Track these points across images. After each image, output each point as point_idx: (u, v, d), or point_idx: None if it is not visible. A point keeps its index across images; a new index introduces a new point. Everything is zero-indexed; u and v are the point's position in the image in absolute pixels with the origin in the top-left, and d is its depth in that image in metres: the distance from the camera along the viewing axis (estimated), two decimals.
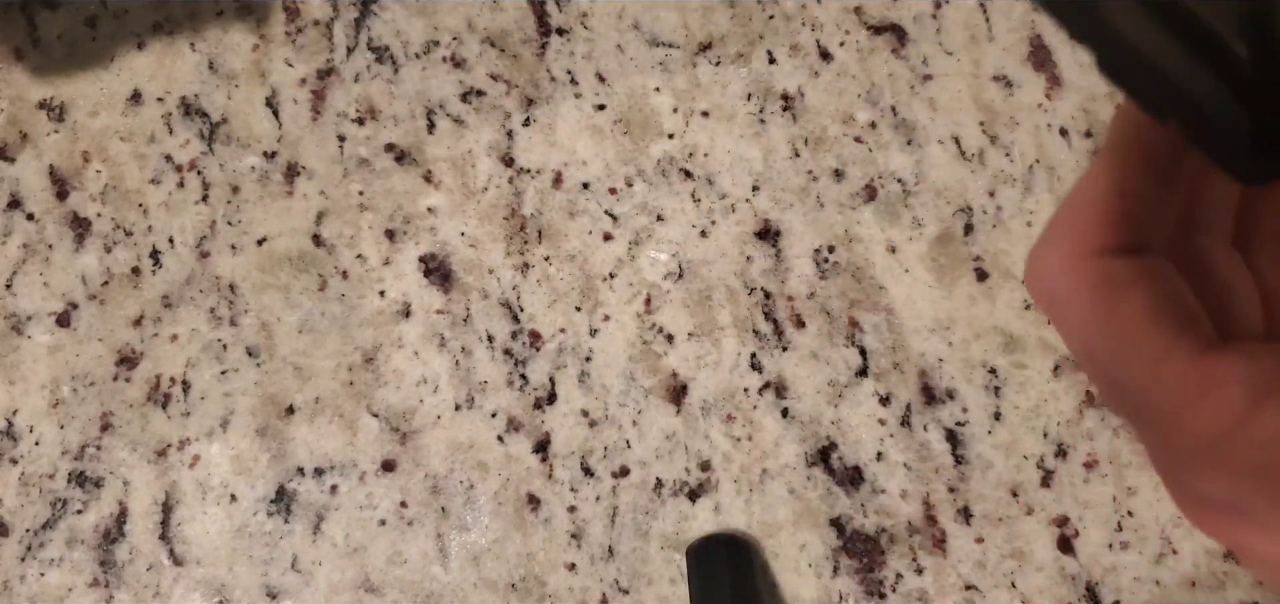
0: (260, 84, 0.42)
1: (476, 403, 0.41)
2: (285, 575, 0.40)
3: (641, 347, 0.41)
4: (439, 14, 0.43)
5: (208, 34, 0.42)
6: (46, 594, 0.39)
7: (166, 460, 0.40)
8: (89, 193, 0.41)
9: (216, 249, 0.41)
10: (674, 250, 0.42)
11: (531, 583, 0.40)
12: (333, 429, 0.41)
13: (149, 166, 0.42)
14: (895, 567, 0.41)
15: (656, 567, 0.41)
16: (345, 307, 0.41)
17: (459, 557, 0.40)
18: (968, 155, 0.42)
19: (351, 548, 0.40)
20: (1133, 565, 0.41)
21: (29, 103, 0.42)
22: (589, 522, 0.41)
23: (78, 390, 0.41)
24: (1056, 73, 0.43)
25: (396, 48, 0.42)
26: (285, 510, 0.40)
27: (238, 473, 0.40)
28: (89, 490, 0.40)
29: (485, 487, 0.41)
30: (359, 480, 0.40)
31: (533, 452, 0.41)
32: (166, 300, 0.41)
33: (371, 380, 0.41)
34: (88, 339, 0.41)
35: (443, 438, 0.41)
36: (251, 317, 0.41)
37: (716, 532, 0.40)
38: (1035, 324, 0.42)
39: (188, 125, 0.42)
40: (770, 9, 0.43)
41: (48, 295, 0.41)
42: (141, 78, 0.42)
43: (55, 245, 0.41)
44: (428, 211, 0.42)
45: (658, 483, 0.41)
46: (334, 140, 0.42)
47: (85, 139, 0.42)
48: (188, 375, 0.41)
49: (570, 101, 0.42)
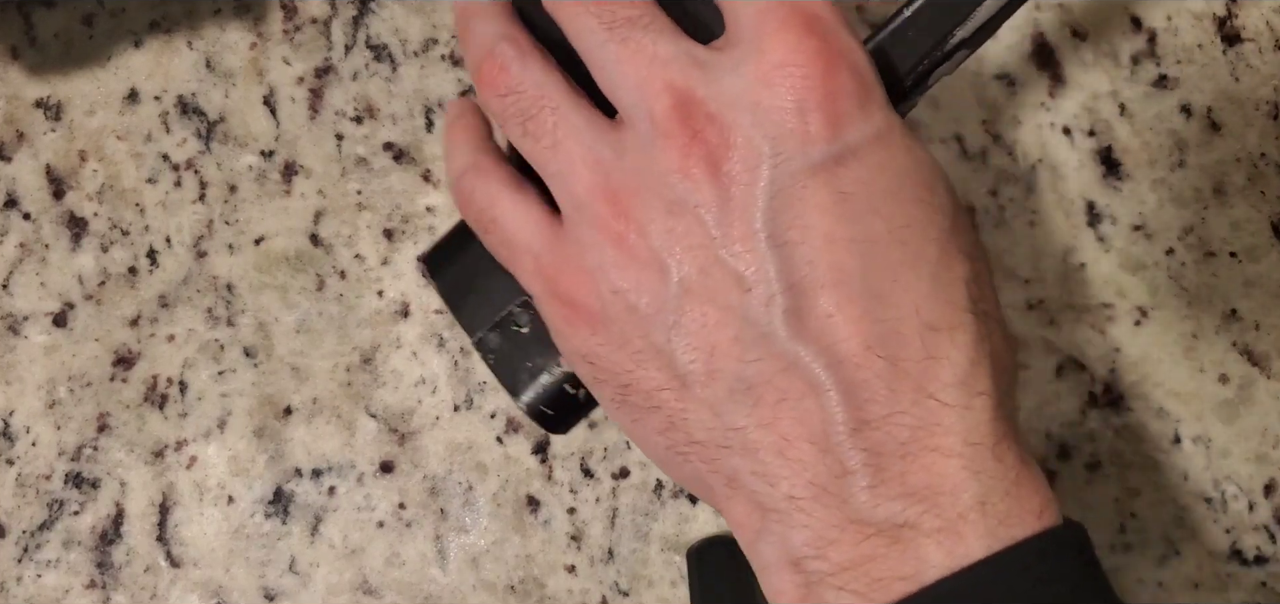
0: (258, 83, 0.42)
1: (475, 404, 0.41)
2: (283, 577, 0.40)
3: None
4: (438, 12, 0.43)
5: (205, 32, 0.42)
6: (43, 596, 0.39)
7: (164, 461, 0.40)
8: (86, 192, 0.41)
9: (214, 249, 0.41)
10: None
11: (531, 585, 0.40)
12: (330, 430, 0.40)
13: (146, 166, 0.41)
14: None
15: (657, 569, 0.40)
16: (343, 307, 0.41)
17: (457, 558, 0.40)
18: (970, 154, 0.42)
19: (349, 549, 0.40)
20: (1135, 567, 0.41)
21: (25, 101, 0.42)
22: (589, 523, 0.40)
23: (74, 391, 0.40)
24: (1059, 72, 0.43)
25: (395, 46, 0.42)
26: (283, 512, 0.40)
27: (235, 474, 0.40)
28: (86, 492, 0.40)
29: (484, 488, 0.40)
30: (357, 482, 0.40)
31: (532, 453, 0.41)
32: (163, 300, 0.41)
33: (370, 381, 0.41)
34: (84, 339, 0.41)
35: (441, 439, 0.41)
36: (249, 317, 0.41)
37: (717, 533, 0.40)
38: (1038, 324, 0.41)
39: (185, 124, 0.42)
40: None
41: (44, 295, 0.41)
42: (138, 76, 0.42)
43: (51, 245, 0.41)
44: (426, 211, 0.42)
45: (658, 484, 0.41)
46: (332, 139, 0.42)
47: (82, 138, 0.42)
48: (185, 376, 0.41)
49: None
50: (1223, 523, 0.42)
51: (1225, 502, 0.42)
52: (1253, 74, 0.43)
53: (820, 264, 0.22)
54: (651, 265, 0.23)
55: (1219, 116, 0.43)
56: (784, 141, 0.22)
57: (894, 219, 0.22)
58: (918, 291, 0.22)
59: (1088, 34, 0.43)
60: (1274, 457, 0.42)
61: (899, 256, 0.22)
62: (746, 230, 0.22)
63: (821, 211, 0.22)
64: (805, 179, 0.22)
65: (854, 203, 0.22)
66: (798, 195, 0.22)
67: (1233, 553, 0.42)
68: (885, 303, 0.22)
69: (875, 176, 0.22)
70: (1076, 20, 0.43)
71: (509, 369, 0.27)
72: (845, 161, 0.22)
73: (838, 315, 0.22)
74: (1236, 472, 0.42)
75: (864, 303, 0.22)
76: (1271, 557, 0.42)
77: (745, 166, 0.22)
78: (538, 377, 0.27)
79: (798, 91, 0.22)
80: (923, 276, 0.22)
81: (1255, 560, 0.42)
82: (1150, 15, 0.43)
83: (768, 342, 0.22)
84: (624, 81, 0.24)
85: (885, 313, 0.22)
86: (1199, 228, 0.43)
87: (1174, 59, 0.43)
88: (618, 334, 0.24)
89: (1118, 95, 0.42)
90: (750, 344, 0.22)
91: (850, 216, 0.22)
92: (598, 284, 0.24)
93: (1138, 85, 0.43)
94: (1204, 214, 0.42)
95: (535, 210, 0.25)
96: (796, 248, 0.22)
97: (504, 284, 0.27)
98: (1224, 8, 0.43)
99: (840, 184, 0.22)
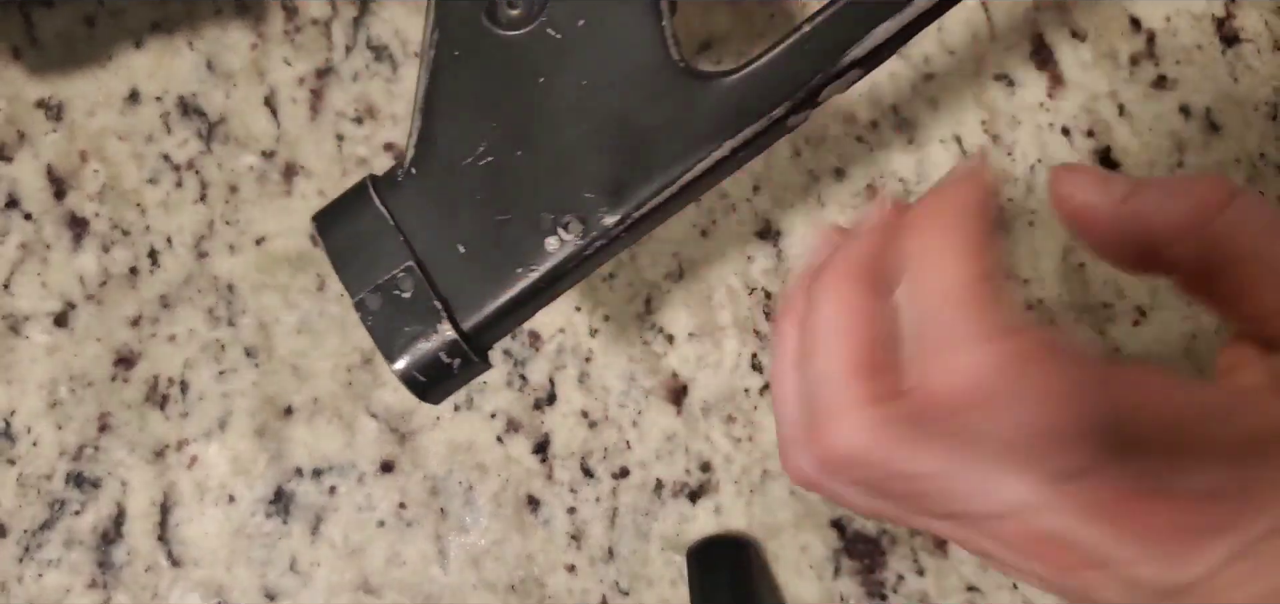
0: (258, 83, 0.42)
1: (475, 404, 0.41)
2: (284, 576, 0.40)
3: (642, 347, 0.41)
4: None
5: (206, 33, 0.42)
6: (44, 595, 0.39)
7: (165, 461, 0.40)
8: (87, 192, 0.41)
9: (214, 249, 0.41)
10: (674, 250, 0.42)
11: (531, 585, 0.40)
12: (331, 430, 0.40)
13: (147, 166, 0.42)
14: (897, 568, 0.40)
15: (657, 568, 0.40)
16: (344, 306, 0.41)
17: (458, 558, 0.40)
18: (969, 154, 0.42)
19: (350, 549, 0.40)
20: None
21: (26, 102, 0.42)
22: (589, 523, 0.40)
23: (75, 391, 0.40)
24: (1058, 72, 0.43)
25: (395, 46, 0.42)
26: (284, 511, 0.40)
27: (236, 474, 0.40)
28: (87, 491, 0.40)
29: (484, 488, 0.40)
30: (358, 481, 0.40)
31: (532, 452, 0.41)
32: (164, 300, 0.41)
33: (370, 381, 0.41)
34: (85, 339, 0.41)
35: (442, 439, 0.41)
36: (250, 317, 0.41)
37: (717, 533, 0.40)
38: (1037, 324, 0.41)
39: (186, 124, 0.42)
40: (771, 8, 0.43)
41: (45, 295, 0.41)
42: (139, 77, 0.42)
43: (53, 245, 0.41)
44: None
45: (658, 484, 0.41)
46: (332, 139, 0.42)
47: (83, 138, 0.42)
48: (186, 376, 0.41)
49: None
50: None
51: None
52: (1252, 75, 0.43)
53: None
54: None
55: (1218, 117, 0.43)
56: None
57: None
58: None
59: (1087, 34, 0.43)
60: None
61: None
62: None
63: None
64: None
65: None
66: None
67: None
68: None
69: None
70: (1076, 21, 0.43)
71: (386, 332, 0.27)
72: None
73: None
74: None
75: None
76: None
77: None
78: (414, 342, 0.27)
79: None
80: None
81: None
82: (1149, 16, 0.43)
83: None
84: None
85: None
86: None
87: (1173, 60, 0.43)
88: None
89: (1117, 96, 0.43)
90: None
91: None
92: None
93: (1137, 86, 0.43)
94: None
95: None
96: None
97: (391, 248, 0.27)
98: (1223, 9, 0.43)
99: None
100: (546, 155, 0.28)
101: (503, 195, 0.28)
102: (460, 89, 0.28)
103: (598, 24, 0.28)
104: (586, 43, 0.28)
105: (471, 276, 0.28)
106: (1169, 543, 0.20)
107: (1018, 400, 0.20)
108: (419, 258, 0.27)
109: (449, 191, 0.28)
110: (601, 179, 0.27)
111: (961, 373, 0.20)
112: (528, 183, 0.28)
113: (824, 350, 0.22)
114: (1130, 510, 0.20)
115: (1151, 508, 0.20)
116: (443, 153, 0.28)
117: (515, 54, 0.28)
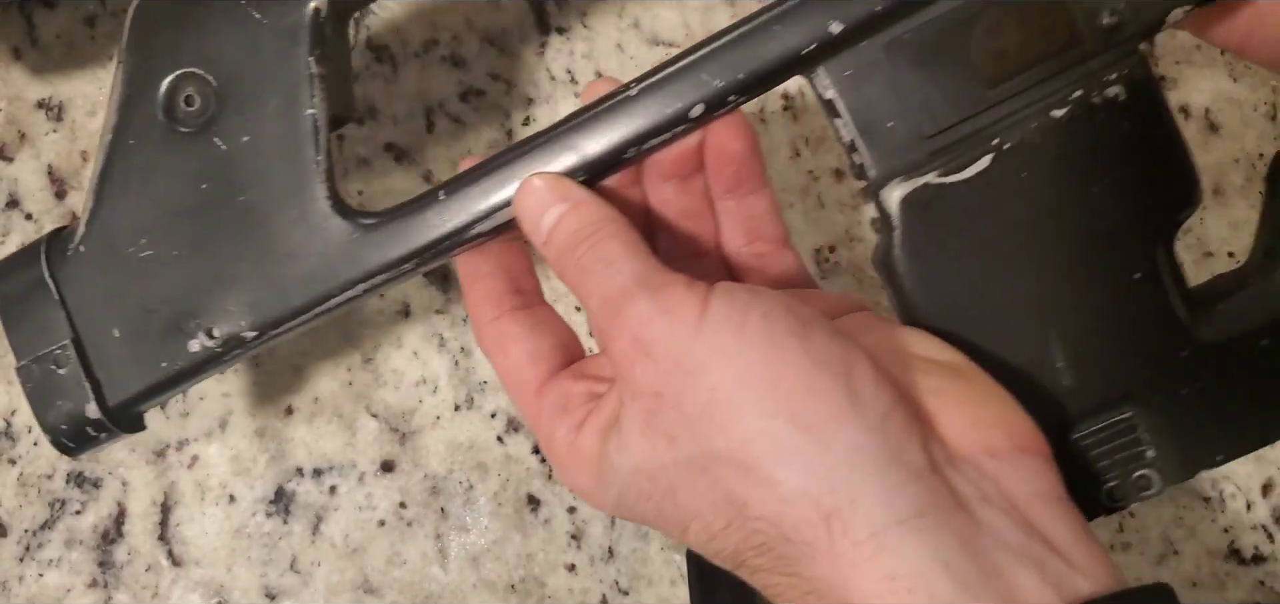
0: None
1: (476, 403, 0.41)
2: (284, 576, 0.40)
3: None
4: (438, 13, 0.43)
5: None
6: (45, 595, 0.39)
7: (165, 461, 0.40)
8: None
9: None
10: None
11: (531, 584, 0.40)
12: (332, 429, 0.41)
13: None
14: None
15: (657, 568, 0.41)
16: None
17: (458, 557, 0.40)
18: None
19: (350, 549, 0.40)
20: (1134, 566, 0.41)
21: (27, 102, 0.42)
22: (589, 522, 0.41)
23: None
24: None
25: (395, 46, 0.42)
26: (284, 511, 0.40)
27: (236, 473, 0.40)
28: (87, 491, 0.40)
29: (485, 487, 0.41)
30: (358, 481, 0.40)
31: (532, 452, 0.41)
32: None
33: (370, 381, 0.41)
34: None
35: (442, 438, 0.41)
36: None
37: None
38: None
39: None
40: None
41: None
42: None
43: None
44: None
45: None
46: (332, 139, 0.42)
47: (84, 138, 0.42)
48: None
49: (570, 100, 0.42)
50: (1221, 522, 0.42)
51: (1223, 501, 0.42)
52: (1251, 75, 0.43)
53: None
54: None
55: (1217, 117, 0.43)
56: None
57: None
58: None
59: None
60: (1271, 457, 0.42)
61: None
62: None
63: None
64: None
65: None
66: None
67: (1231, 552, 0.42)
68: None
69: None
70: None
71: (41, 400, 0.30)
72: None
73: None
74: (1234, 471, 0.42)
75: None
76: (1269, 556, 0.42)
77: None
78: (66, 414, 0.30)
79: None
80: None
81: (1253, 559, 0.42)
82: None
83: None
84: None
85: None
86: (1197, 228, 0.43)
87: (1173, 59, 0.43)
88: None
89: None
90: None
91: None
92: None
93: None
94: (1202, 215, 0.42)
95: None
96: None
97: (55, 322, 0.30)
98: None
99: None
100: (199, 261, 0.29)
101: (157, 290, 0.30)
102: (131, 178, 0.30)
103: (259, 145, 0.29)
104: (247, 161, 0.29)
105: (122, 359, 0.30)
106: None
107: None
108: (78, 335, 0.30)
109: (112, 274, 0.30)
110: (244, 296, 0.29)
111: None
112: (180, 283, 0.30)
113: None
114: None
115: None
116: (110, 236, 0.30)
117: (184, 156, 0.30)
